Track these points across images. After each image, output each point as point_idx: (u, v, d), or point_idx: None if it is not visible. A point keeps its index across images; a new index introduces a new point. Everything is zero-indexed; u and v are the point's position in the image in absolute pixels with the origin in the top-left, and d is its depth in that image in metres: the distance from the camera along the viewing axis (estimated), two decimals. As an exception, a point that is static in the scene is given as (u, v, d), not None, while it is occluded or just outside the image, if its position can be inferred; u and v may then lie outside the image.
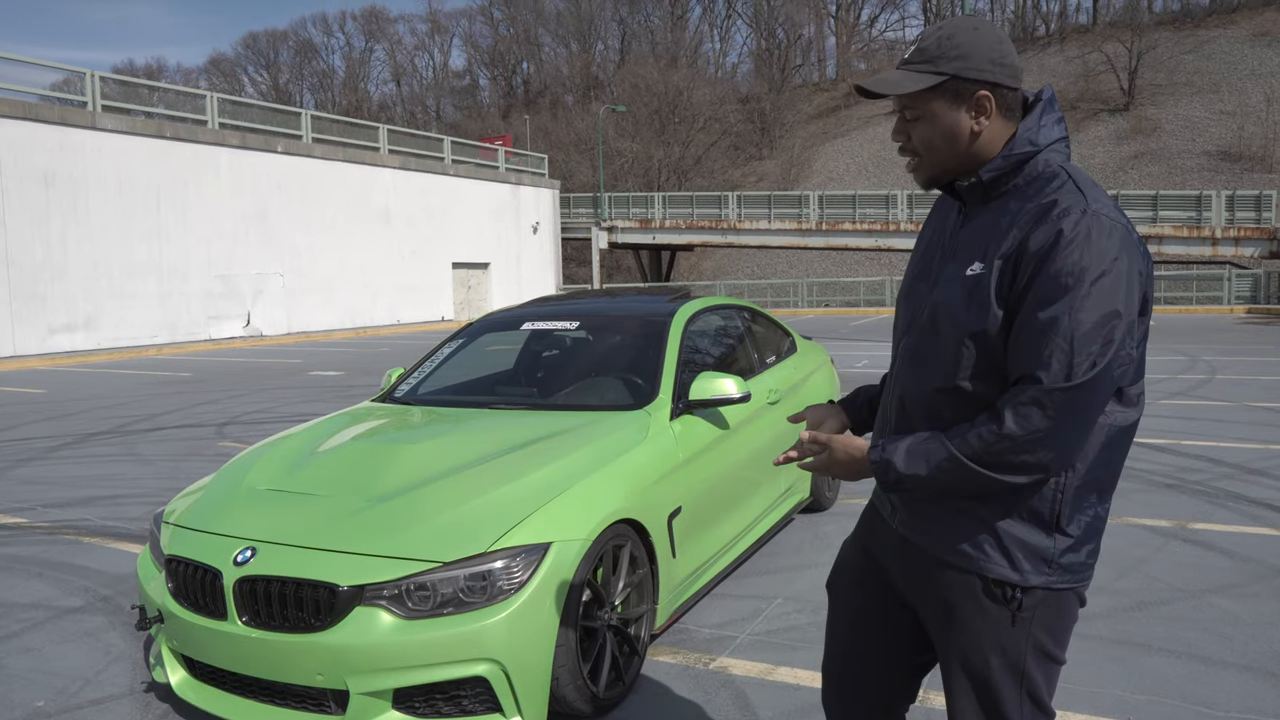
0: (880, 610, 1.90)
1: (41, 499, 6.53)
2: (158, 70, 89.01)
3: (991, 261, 1.61)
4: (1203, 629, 3.68)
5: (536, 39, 78.86)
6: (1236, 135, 48.52)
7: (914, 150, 1.71)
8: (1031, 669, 1.69)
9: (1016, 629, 1.66)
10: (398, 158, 29.69)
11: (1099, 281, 1.51)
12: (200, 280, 23.43)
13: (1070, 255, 1.52)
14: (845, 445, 1.71)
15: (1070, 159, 1.69)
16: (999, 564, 1.65)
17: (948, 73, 1.62)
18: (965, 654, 1.71)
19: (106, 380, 14.95)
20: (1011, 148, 1.64)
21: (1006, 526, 1.64)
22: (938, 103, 1.65)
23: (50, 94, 21.76)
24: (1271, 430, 7.81)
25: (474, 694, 2.79)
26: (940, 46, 1.64)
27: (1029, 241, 1.56)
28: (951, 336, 1.65)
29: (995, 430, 1.54)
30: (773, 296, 36.33)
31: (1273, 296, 27.15)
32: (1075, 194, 1.58)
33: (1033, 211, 1.59)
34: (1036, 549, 1.64)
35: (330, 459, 3.57)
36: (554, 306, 5.02)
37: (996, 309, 1.59)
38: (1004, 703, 1.70)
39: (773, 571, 4.54)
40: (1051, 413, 1.52)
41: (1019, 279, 1.57)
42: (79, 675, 3.57)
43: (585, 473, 3.27)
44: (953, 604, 1.71)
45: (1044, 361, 1.52)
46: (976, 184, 1.68)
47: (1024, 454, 1.54)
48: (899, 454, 1.63)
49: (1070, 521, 1.64)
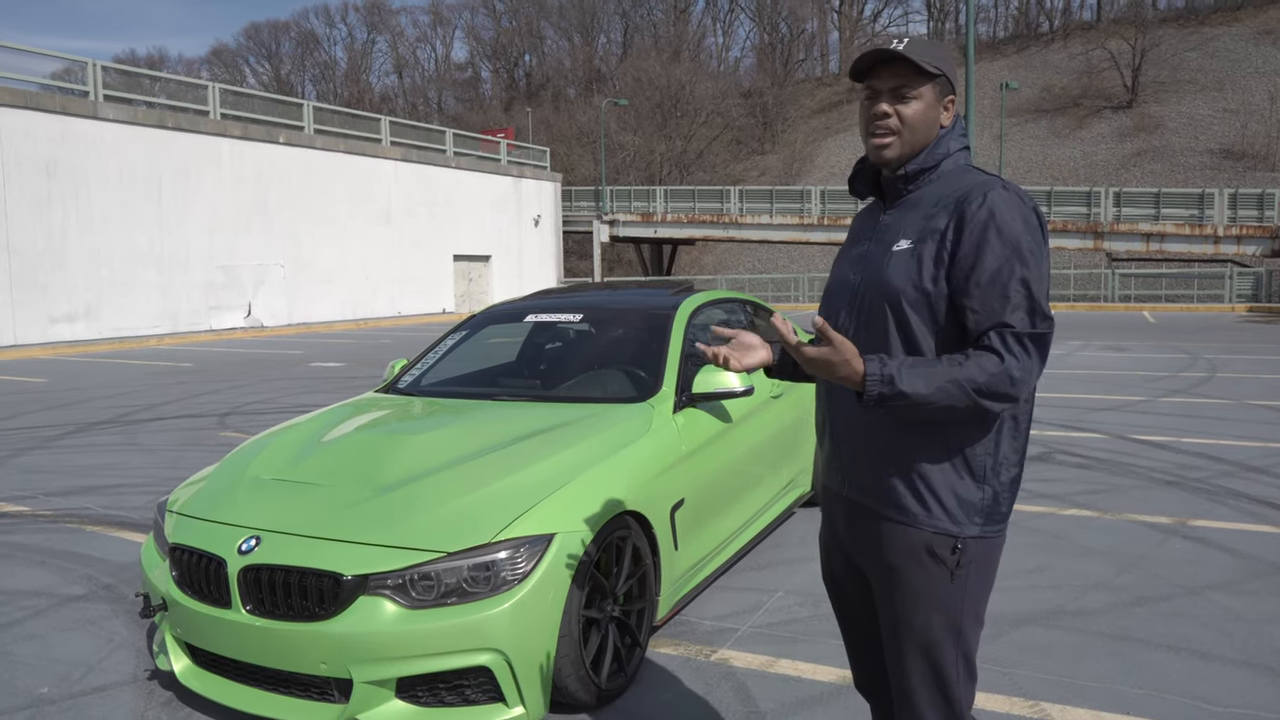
0: (859, 584, 2.05)
1: (43, 488, 6.55)
2: (159, 60, 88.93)
3: (923, 237, 1.83)
4: (1202, 625, 3.69)
5: (539, 31, 78.72)
6: (1240, 133, 48.47)
7: (894, 128, 1.88)
8: (966, 628, 1.85)
9: (954, 586, 1.83)
10: (399, 149, 29.64)
11: (1031, 240, 1.77)
12: (201, 271, 23.42)
13: (1006, 220, 1.77)
14: (850, 350, 1.74)
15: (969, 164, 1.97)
16: (939, 517, 1.82)
17: (943, 71, 1.89)
18: (909, 615, 1.85)
19: (108, 370, 14.96)
20: (937, 148, 1.92)
21: (942, 479, 1.82)
22: (931, 91, 1.89)
23: (52, 83, 21.79)
24: (1272, 428, 7.81)
25: (477, 683, 2.80)
26: (933, 50, 1.89)
27: (965, 215, 1.79)
28: (883, 302, 1.85)
29: (998, 364, 1.72)
30: (774, 291, 36.32)
31: (1274, 295, 27.15)
32: (988, 177, 1.85)
33: (957, 193, 1.84)
34: (968, 500, 1.82)
35: (335, 449, 3.58)
36: (557, 299, 5.02)
37: (932, 273, 1.80)
38: (944, 663, 1.85)
39: (774, 565, 4.55)
40: (1032, 352, 1.75)
41: (961, 247, 1.78)
42: (82, 662, 3.58)
43: (589, 465, 3.28)
44: (895, 565, 1.86)
45: (1016, 309, 1.74)
46: (904, 175, 1.91)
47: (1013, 387, 1.73)
48: (898, 369, 1.73)
49: (1000, 473, 1.84)
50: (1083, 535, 4.91)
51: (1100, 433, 7.73)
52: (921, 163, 1.90)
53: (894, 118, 1.87)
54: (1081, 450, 7.07)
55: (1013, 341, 1.73)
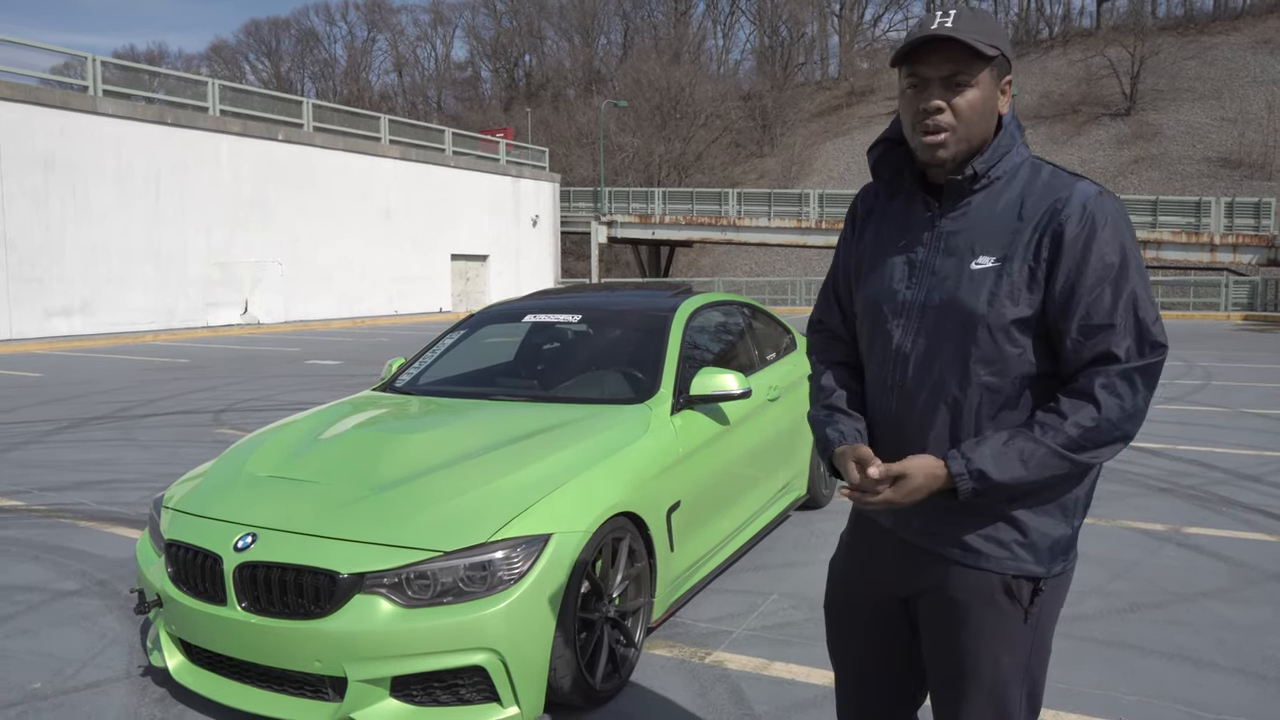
0: (880, 624, 1.87)
1: (38, 482, 6.53)
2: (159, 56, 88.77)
3: (1010, 254, 1.61)
4: (1195, 632, 3.70)
5: (539, 32, 78.72)
6: (1237, 142, 48.57)
7: (947, 124, 1.61)
8: (1037, 667, 1.71)
9: (1028, 625, 1.67)
10: (398, 148, 29.63)
11: (1137, 254, 1.59)
12: (199, 267, 23.38)
13: (1107, 234, 1.58)
14: (920, 465, 1.61)
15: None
16: (1024, 559, 1.65)
17: (1001, 49, 1.61)
18: (977, 656, 1.68)
19: (103, 365, 14.93)
20: (1004, 140, 1.67)
21: (1034, 521, 1.65)
22: (989, 74, 1.63)
23: (51, 77, 21.72)
24: (1266, 437, 7.84)
25: (472, 683, 2.80)
26: (986, 23, 1.62)
27: (1064, 228, 1.58)
28: (970, 332, 1.62)
29: (1094, 415, 1.56)
30: (771, 294, 36.33)
31: (1270, 304, 27.21)
32: (1071, 177, 1.63)
33: (1043, 201, 1.61)
34: (1059, 539, 1.67)
35: (332, 447, 3.58)
36: (555, 299, 5.02)
37: (1027, 297, 1.60)
38: (1009, 703, 1.70)
39: (769, 567, 4.56)
40: (1140, 386, 1.57)
41: (1060, 267, 1.58)
42: (75, 658, 3.58)
43: (586, 465, 3.28)
44: (964, 605, 1.68)
45: (1119, 339, 1.56)
46: (970, 176, 1.65)
47: (1120, 431, 1.57)
48: (985, 460, 1.58)
49: (1082, 505, 1.69)
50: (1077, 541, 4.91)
51: (1095, 439, 7.74)
52: (990, 158, 1.65)
53: (948, 112, 1.60)
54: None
55: (1117, 380, 1.55)
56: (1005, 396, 1.64)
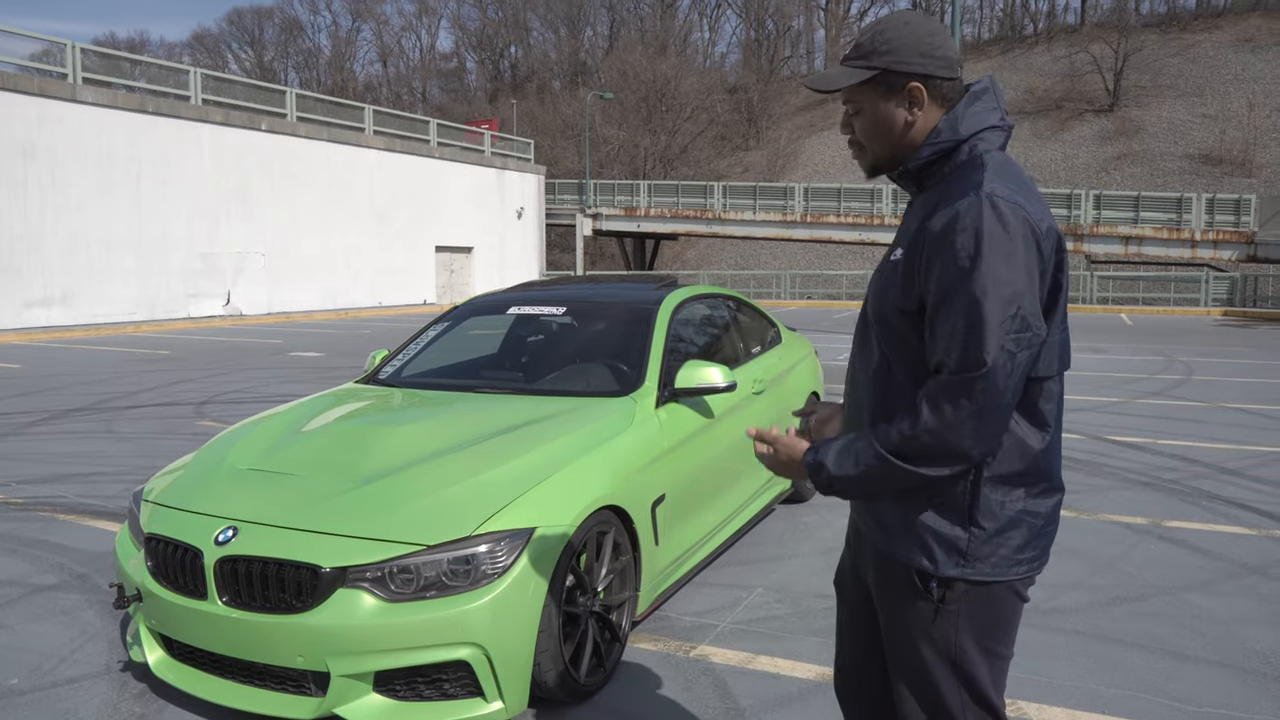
0: (868, 604, 1.92)
1: (16, 475, 6.46)
2: (140, 44, 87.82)
3: (907, 249, 1.67)
4: (1176, 625, 3.73)
5: (525, 23, 78.33)
6: (1218, 139, 48.95)
7: (855, 143, 1.79)
8: (966, 662, 1.68)
9: (941, 621, 1.67)
10: (383, 139, 29.44)
11: (995, 264, 1.50)
12: (180, 257, 23.17)
13: (963, 238, 1.53)
14: (787, 446, 1.75)
15: (1006, 146, 1.71)
16: (916, 554, 1.68)
17: (879, 67, 1.68)
18: (900, 644, 1.74)
19: (84, 356, 14.78)
20: (934, 137, 1.68)
21: (925, 518, 1.66)
22: (873, 96, 1.72)
23: (29, 64, 21.42)
24: (1246, 431, 7.91)
25: (455, 677, 2.79)
26: (873, 42, 1.70)
27: (928, 226, 1.60)
28: (875, 322, 1.72)
29: (912, 422, 1.56)
30: (755, 288, 36.37)
31: (1248, 299, 27.48)
32: (971, 186, 1.58)
33: (942, 197, 1.63)
34: (950, 540, 1.64)
35: (314, 439, 3.55)
36: (540, 292, 5.00)
37: (907, 292, 1.63)
38: (943, 696, 1.70)
39: (753, 561, 4.56)
40: (964, 401, 1.51)
41: (922, 264, 1.60)
42: (54, 653, 3.54)
43: (570, 458, 3.27)
44: (888, 595, 1.76)
45: (952, 348, 1.52)
46: (905, 173, 1.74)
47: (943, 445, 1.54)
48: (830, 455, 1.65)
49: (984, 514, 1.63)
50: (1059, 535, 4.94)
51: (1077, 433, 7.80)
52: (927, 155, 1.69)
53: (854, 133, 1.78)
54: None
55: (936, 390, 1.53)
56: (893, 392, 1.67)
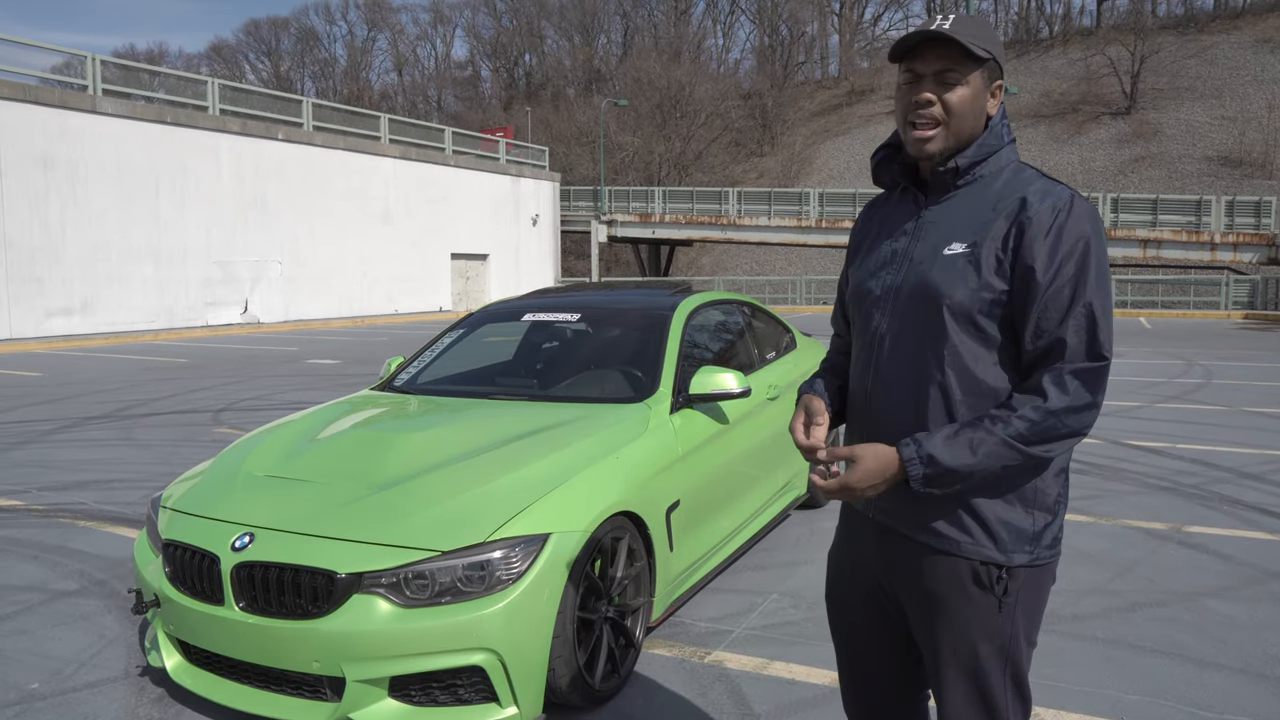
0: (874, 611, 1.90)
1: (37, 482, 6.52)
2: (159, 55, 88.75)
3: (980, 240, 1.67)
4: (1197, 631, 3.69)
5: (539, 31, 78.70)
6: (1237, 141, 48.56)
7: (937, 117, 1.70)
8: (1017, 653, 1.73)
9: (1002, 614, 1.70)
10: (398, 147, 29.61)
11: (1101, 258, 1.63)
12: (198, 266, 23.37)
13: (1075, 237, 1.62)
14: (873, 451, 1.65)
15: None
16: (985, 545, 1.68)
17: (993, 53, 1.71)
18: (955, 643, 1.73)
19: (103, 364, 14.92)
20: (989, 139, 1.74)
21: (989, 507, 1.68)
22: (980, 75, 1.72)
23: (50, 76, 21.70)
24: (1267, 435, 7.82)
25: (470, 683, 2.79)
26: (982, 29, 1.71)
27: (1032, 220, 1.63)
28: (939, 314, 1.68)
29: (1041, 407, 1.59)
30: (771, 293, 36.33)
31: (1270, 303, 27.19)
32: (1052, 182, 1.69)
33: (1016, 196, 1.68)
34: (1018, 528, 1.68)
35: (330, 446, 3.56)
36: (555, 298, 5.01)
37: (992, 284, 1.64)
38: (992, 691, 1.73)
39: (769, 567, 4.55)
40: (1085, 386, 1.60)
41: (1024, 257, 1.62)
42: (74, 658, 3.57)
43: (585, 464, 3.27)
44: (939, 594, 1.73)
45: (1069, 340, 1.60)
46: (953, 169, 1.74)
47: (1071, 428, 1.61)
48: (936, 445, 1.61)
49: (1045, 496, 1.70)
50: (1078, 540, 4.90)
51: (1096, 438, 7.73)
52: (974, 155, 1.72)
53: (938, 106, 1.69)
54: (1077, 455, 7.07)
55: (1065, 376, 1.60)
56: (968, 385, 1.67)
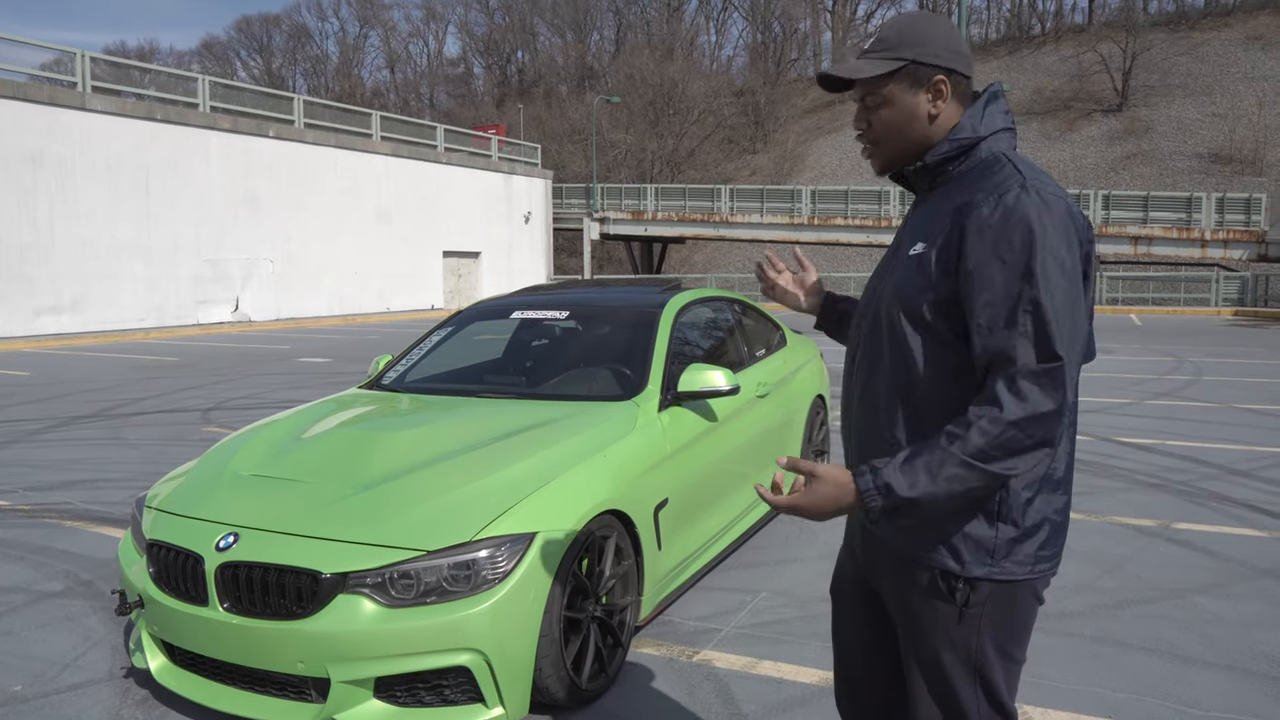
0: (872, 611, 1.90)
1: (23, 482, 6.48)
2: (150, 52, 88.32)
3: (934, 240, 1.64)
4: (1185, 628, 3.69)
5: (532, 28, 78.51)
6: (1228, 138, 48.69)
7: (873, 138, 1.76)
8: (986, 667, 1.67)
9: (965, 625, 1.65)
10: (390, 145, 29.52)
11: (1052, 251, 1.52)
12: (189, 264, 23.27)
13: (1020, 230, 1.53)
14: (834, 476, 1.59)
15: (1015, 149, 1.72)
16: (942, 555, 1.64)
17: (907, 58, 1.70)
18: (919, 650, 1.71)
19: (92, 363, 14.85)
20: (956, 133, 1.70)
21: (952, 518, 1.63)
22: (897, 88, 1.71)
23: (40, 74, 21.49)
24: (1256, 432, 7.85)
25: (456, 683, 2.78)
26: (900, 36, 1.72)
27: (970, 220, 1.58)
28: (898, 318, 1.67)
29: (999, 418, 1.50)
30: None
31: (1260, 299, 27.30)
32: (1015, 174, 1.61)
33: (970, 194, 1.62)
34: (978, 539, 1.62)
35: (315, 445, 3.54)
36: (544, 296, 4.99)
37: (939, 285, 1.61)
38: (961, 701, 1.69)
39: (758, 565, 4.54)
40: (1052, 390, 1.50)
41: (965, 259, 1.57)
42: (58, 660, 3.54)
43: (572, 463, 3.26)
44: (907, 599, 1.72)
45: (1017, 342, 1.51)
46: (923, 168, 1.73)
47: (1034, 436, 1.50)
48: (892, 475, 1.55)
49: (1013, 510, 1.62)
50: (1067, 537, 4.90)
51: (1085, 434, 7.75)
52: (947, 150, 1.69)
53: (869, 129, 1.76)
54: (1067, 452, 7.08)
55: (1019, 380, 1.50)
56: (928, 392, 1.64)
